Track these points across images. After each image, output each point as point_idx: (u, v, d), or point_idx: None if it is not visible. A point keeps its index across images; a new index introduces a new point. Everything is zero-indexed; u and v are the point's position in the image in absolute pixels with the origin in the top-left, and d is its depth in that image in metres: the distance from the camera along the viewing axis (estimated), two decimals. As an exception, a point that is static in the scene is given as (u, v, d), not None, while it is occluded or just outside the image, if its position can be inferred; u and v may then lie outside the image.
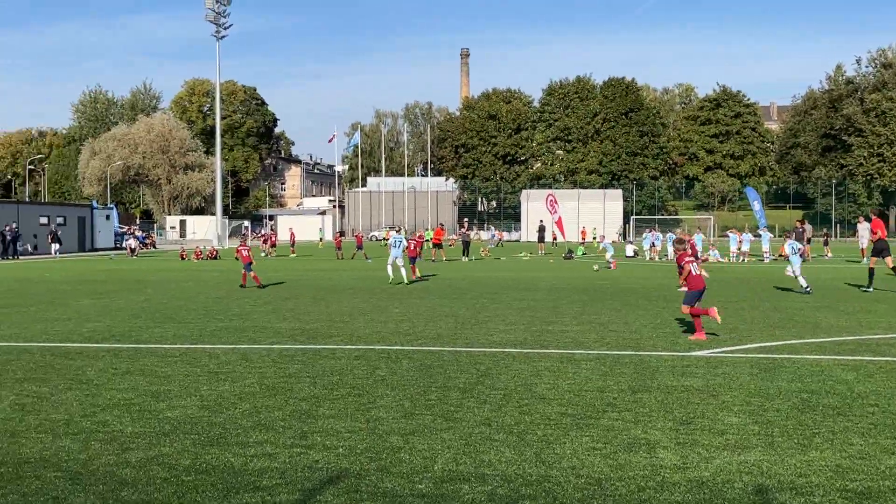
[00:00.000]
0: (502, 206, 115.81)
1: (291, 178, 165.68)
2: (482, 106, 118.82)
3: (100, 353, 11.91)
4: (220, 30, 69.49)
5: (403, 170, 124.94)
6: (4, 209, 54.47)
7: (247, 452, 6.77)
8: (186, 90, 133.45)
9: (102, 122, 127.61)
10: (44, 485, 5.93)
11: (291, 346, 12.56)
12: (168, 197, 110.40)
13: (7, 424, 7.69)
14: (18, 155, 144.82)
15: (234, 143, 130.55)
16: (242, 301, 20.15)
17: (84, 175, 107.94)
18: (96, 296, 21.82)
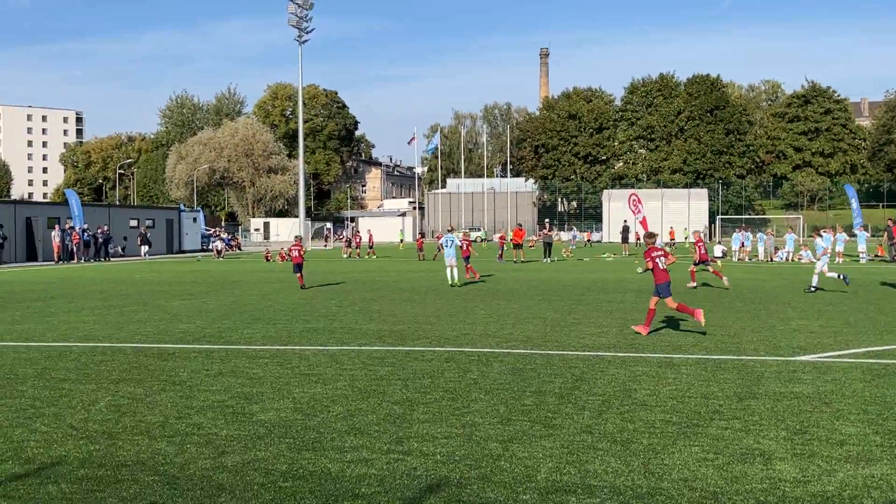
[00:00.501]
0: (583, 207, 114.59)
1: (372, 181, 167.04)
2: (562, 105, 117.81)
3: (192, 354, 11.96)
4: (302, 34, 70.32)
5: (483, 171, 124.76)
6: (96, 212, 56.04)
7: (343, 458, 6.60)
8: (269, 94, 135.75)
9: (189, 127, 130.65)
10: (142, 489, 5.85)
11: (380, 348, 12.41)
12: (252, 199, 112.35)
13: (104, 426, 7.68)
14: (109, 160, 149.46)
15: (316, 146, 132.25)
16: (328, 302, 20.16)
17: (171, 179, 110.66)
18: (186, 297, 22.13)
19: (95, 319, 16.67)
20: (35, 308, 19.19)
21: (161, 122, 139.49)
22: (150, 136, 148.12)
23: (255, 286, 26.02)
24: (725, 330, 14.22)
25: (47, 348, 12.71)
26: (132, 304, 19.90)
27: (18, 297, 22.52)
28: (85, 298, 21.81)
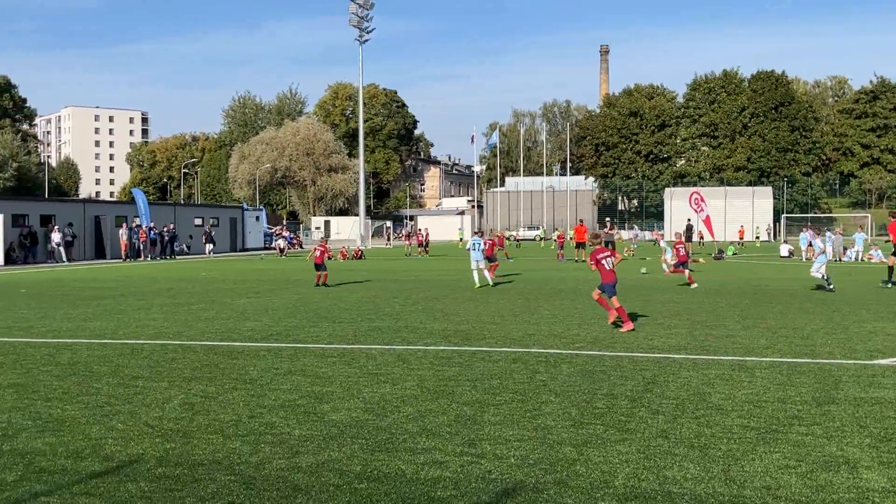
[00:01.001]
0: (644, 205, 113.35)
1: (430, 179, 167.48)
2: (623, 103, 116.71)
3: (261, 353, 12.06)
4: (362, 34, 70.76)
5: (542, 169, 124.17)
6: (162, 211, 57.13)
7: (416, 460, 6.56)
8: (330, 94, 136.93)
9: (251, 127, 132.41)
10: (219, 488, 5.88)
11: (446, 348, 12.38)
12: (313, 198, 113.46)
13: (179, 424, 7.77)
14: (173, 159, 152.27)
15: (376, 144, 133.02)
16: (392, 301, 20.21)
17: (234, 178, 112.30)
18: (252, 295, 22.39)
19: (164, 317, 16.94)
20: (106, 306, 19.58)
21: (224, 121, 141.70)
22: (214, 135, 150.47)
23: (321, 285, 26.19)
24: (798, 332, 13.88)
25: (119, 346, 12.94)
26: (200, 302, 20.19)
27: (89, 294, 23.01)
28: (153, 296, 22.20)
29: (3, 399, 8.88)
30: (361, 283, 26.71)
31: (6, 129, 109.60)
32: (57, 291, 24.07)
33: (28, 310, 18.59)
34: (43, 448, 6.94)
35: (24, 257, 42.70)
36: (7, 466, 6.41)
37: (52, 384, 9.70)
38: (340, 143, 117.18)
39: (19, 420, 7.92)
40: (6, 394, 9.16)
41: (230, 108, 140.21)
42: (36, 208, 46.51)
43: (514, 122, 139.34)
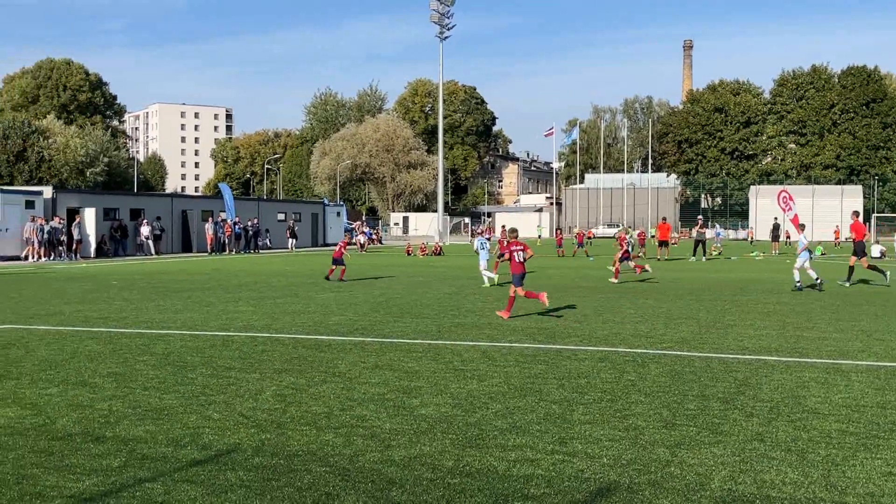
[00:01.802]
0: (728, 203, 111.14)
1: (508, 176, 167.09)
2: (708, 99, 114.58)
3: (347, 346, 12.21)
4: (443, 31, 71.00)
5: (622, 166, 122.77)
6: (246, 206, 58.31)
7: (508, 456, 6.56)
8: (409, 91, 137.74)
9: (332, 123, 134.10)
10: (315, 479, 5.98)
11: (531, 345, 12.34)
12: (392, 194, 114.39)
13: (272, 415, 7.92)
14: (256, 155, 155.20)
15: (455, 141, 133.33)
16: (474, 297, 20.25)
17: (315, 173, 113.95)
18: (335, 289, 22.68)
19: (252, 310, 17.28)
20: (195, 298, 20.07)
21: (306, 118, 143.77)
22: (296, 132, 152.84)
23: (399, 280, 26.41)
24: (895, 335, 13.43)
25: (210, 337, 13.25)
26: (285, 296, 20.54)
27: (178, 287, 23.62)
28: (240, 289, 22.67)
29: (104, 387, 9.18)
30: (442, 280, 26.82)
31: (97, 126, 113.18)
32: (147, 283, 24.78)
33: (121, 301, 19.18)
34: (144, 436, 7.15)
35: (115, 250, 44.05)
36: (111, 453, 6.62)
37: (149, 374, 9.99)
38: (419, 140, 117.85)
39: (120, 408, 8.18)
40: (106, 382, 9.46)
41: (312, 104, 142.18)
42: (126, 202, 47.93)
43: (594, 118, 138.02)
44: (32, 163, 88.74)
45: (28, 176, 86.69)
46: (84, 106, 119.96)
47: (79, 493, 5.66)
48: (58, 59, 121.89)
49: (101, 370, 10.21)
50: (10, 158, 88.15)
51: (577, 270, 32.07)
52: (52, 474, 6.04)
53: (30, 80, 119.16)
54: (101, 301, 19.14)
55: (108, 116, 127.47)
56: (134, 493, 5.66)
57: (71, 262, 38.61)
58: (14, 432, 7.22)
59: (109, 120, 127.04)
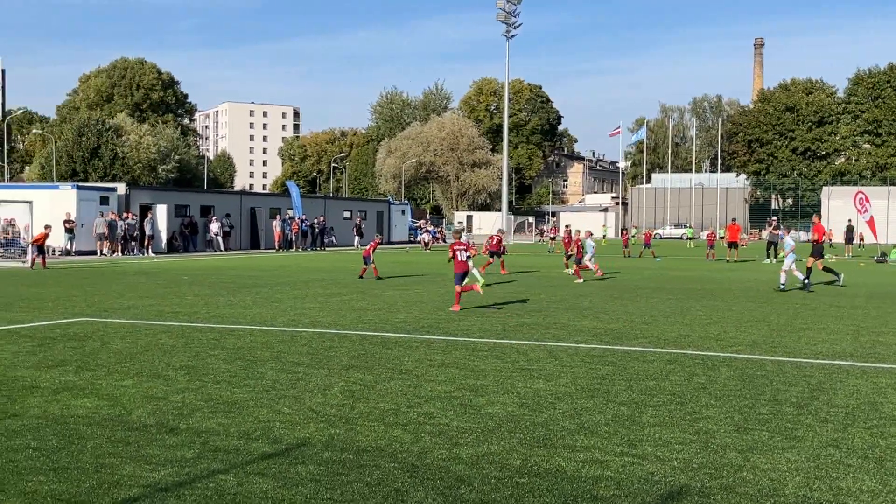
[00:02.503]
0: (799, 205, 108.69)
1: (573, 175, 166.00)
2: (779, 98, 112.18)
3: (413, 344, 12.27)
4: (510, 29, 70.84)
5: (690, 166, 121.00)
6: (313, 204, 58.99)
7: (576, 457, 6.52)
8: (475, 90, 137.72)
9: (397, 122, 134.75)
10: (384, 475, 6.02)
11: (598, 346, 12.25)
12: (456, 193, 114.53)
13: (341, 410, 8.00)
14: (323, 153, 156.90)
15: (519, 140, 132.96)
16: (538, 297, 20.17)
17: (380, 172, 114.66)
18: (400, 287, 22.81)
19: (319, 306, 17.47)
20: (263, 294, 20.37)
21: (372, 117, 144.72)
22: (362, 130, 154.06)
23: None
24: (977, 342, 13.00)
25: (279, 332, 13.43)
26: (351, 293, 20.72)
27: (247, 283, 24.01)
28: (307, 286, 22.94)
29: (177, 380, 9.38)
30: (506, 279, 26.77)
31: (168, 124, 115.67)
32: (217, 279, 25.23)
33: (192, 296, 19.56)
34: (216, 428, 7.28)
35: (185, 246, 44.96)
36: (185, 444, 6.76)
37: (220, 367, 10.17)
38: (484, 139, 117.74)
39: (193, 401, 8.34)
40: (179, 375, 9.67)
41: (378, 103, 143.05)
42: (196, 199, 48.89)
43: (661, 118, 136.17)
44: (106, 160, 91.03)
45: (102, 173, 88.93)
46: (156, 104, 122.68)
47: (154, 482, 5.79)
48: (132, 58, 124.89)
49: (175, 363, 10.43)
50: (85, 155, 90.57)
51: (644, 271, 31.72)
52: (129, 464, 6.19)
53: (105, 79, 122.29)
54: (172, 296, 19.55)
55: (180, 115, 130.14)
56: (207, 484, 5.77)
57: (143, 257, 39.53)
58: (92, 422, 7.42)
59: (181, 118, 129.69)
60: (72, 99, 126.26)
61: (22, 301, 17.99)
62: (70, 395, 8.48)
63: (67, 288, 21.46)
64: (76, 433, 7.02)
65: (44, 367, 10.02)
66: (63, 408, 7.95)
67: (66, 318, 14.91)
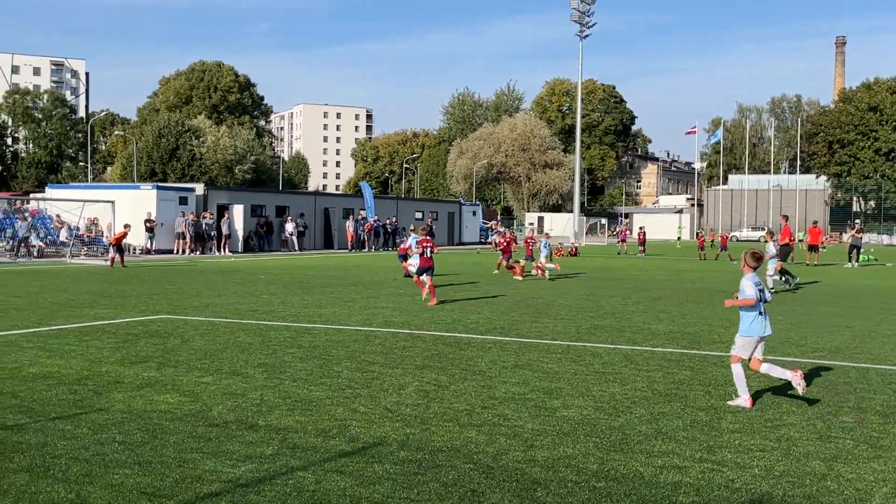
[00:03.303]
0: (882, 207, 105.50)
1: (647, 176, 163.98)
2: (861, 98, 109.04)
3: (486, 345, 12.27)
4: (583, 29, 70.30)
5: (768, 167, 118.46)
6: (385, 204, 59.43)
7: (654, 462, 6.44)
8: (547, 90, 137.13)
9: (469, 123, 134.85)
10: (459, 476, 6.03)
11: (674, 350, 12.07)
12: (527, 194, 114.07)
13: (416, 410, 8.04)
14: (395, 154, 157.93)
15: (592, 141, 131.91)
16: (611, 300, 19.98)
17: (451, 173, 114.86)
18: (472, 288, 22.83)
19: (392, 306, 17.60)
20: (337, 293, 20.60)
21: (443, 118, 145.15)
22: (433, 131, 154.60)
23: (537, 280, 26.30)
24: None
25: (353, 332, 13.57)
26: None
27: (321, 282, 24.31)
28: (380, 286, 23.12)
29: (255, 378, 9.54)
30: (578, 281, 26.59)
31: (245, 125, 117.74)
32: (292, 278, 25.60)
33: (268, 295, 19.88)
34: (294, 425, 7.39)
35: (260, 245, 45.73)
36: (264, 441, 6.87)
37: (297, 366, 10.32)
38: (556, 139, 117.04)
39: (271, 398, 8.48)
40: (257, 373, 9.83)
41: (449, 104, 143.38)
42: (272, 200, 49.68)
43: (738, 118, 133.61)
44: (184, 160, 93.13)
45: (180, 173, 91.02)
46: (233, 106, 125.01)
47: (235, 478, 5.91)
48: (210, 61, 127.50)
49: (253, 361, 10.61)
50: (164, 156, 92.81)
51: (720, 274, 31.16)
52: (210, 459, 6.32)
53: (183, 81, 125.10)
54: (249, 294, 19.91)
55: (256, 117, 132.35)
56: (286, 480, 5.86)
57: (220, 256, 40.34)
58: (174, 418, 7.59)
59: (257, 120, 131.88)
60: (152, 101, 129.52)
61: (105, 298, 18.52)
62: (153, 391, 8.70)
63: (148, 286, 22.02)
64: (159, 428, 7.20)
65: (127, 363, 10.30)
66: (146, 403, 8.16)
67: (148, 316, 15.31)
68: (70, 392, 8.59)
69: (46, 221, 39.72)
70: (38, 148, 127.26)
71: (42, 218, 40.00)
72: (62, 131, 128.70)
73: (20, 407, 7.91)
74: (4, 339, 12.12)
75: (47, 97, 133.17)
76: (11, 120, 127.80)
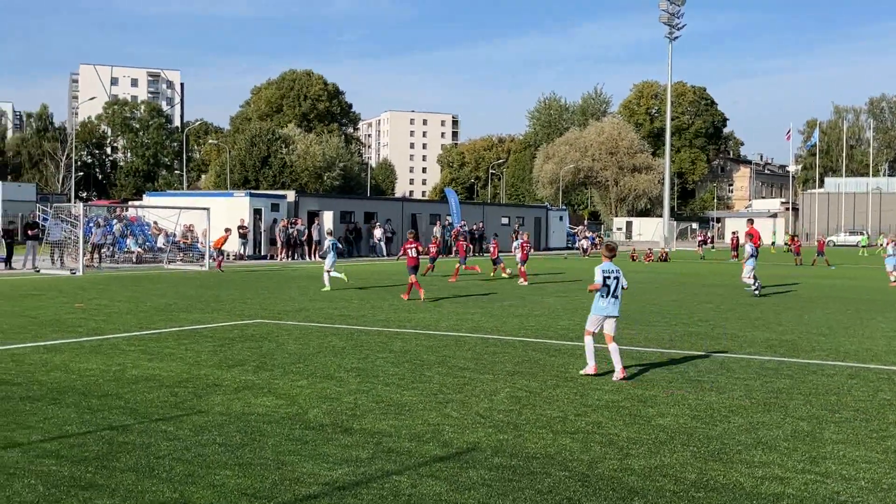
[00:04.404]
0: None
1: (739, 179, 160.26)
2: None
3: (577, 352, 12.14)
4: (673, 31, 69.20)
5: (867, 169, 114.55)
6: (471, 210, 59.50)
7: (754, 473, 6.28)
8: (635, 93, 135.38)
9: (555, 128, 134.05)
10: (555, 483, 5.99)
11: (772, 358, 11.76)
12: (615, 198, 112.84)
13: (508, 417, 8.02)
14: (481, 160, 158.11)
15: (682, 144, 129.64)
16: (704, 306, 19.60)
17: (538, 178, 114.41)
18: (561, 294, 22.67)
19: (481, 312, 17.60)
20: (427, 299, 20.70)
21: (529, 123, 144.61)
22: (519, 136, 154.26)
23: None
24: None
25: (443, 337, 13.62)
26: (511, 298, 20.77)
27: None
28: (468, 290, 23.14)
29: (348, 381, 9.66)
30: (669, 287, 26.15)
31: (334, 133, 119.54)
32: (381, 284, 25.85)
33: (358, 300, 20.12)
34: (388, 429, 7.45)
35: (349, 251, 46.30)
36: (359, 444, 6.95)
37: (389, 370, 10.41)
38: (645, 143, 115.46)
39: (365, 402, 8.57)
40: (350, 377, 9.96)
41: (535, 109, 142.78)
42: (360, 206, 50.27)
43: (834, 119, 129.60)
44: (275, 168, 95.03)
45: (272, 180, 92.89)
46: (322, 114, 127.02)
47: (332, 481, 5.98)
48: (299, 70, 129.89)
49: (345, 365, 10.75)
50: (255, 164, 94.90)
51: (818, 279, 30.24)
52: (308, 462, 6.42)
53: (274, 90, 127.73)
54: (339, 299, 20.17)
55: (344, 124, 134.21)
56: (383, 484, 5.91)
57: (310, 261, 41.00)
58: (272, 420, 7.74)
59: (345, 127, 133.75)
60: (244, 110, 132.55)
61: (201, 303, 19.01)
62: (250, 394, 8.89)
63: (242, 291, 22.52)
64: (257, 430, 7.35)
65: (225, 367, 10.55)
66: (244, 405, 8.34)
67: (243, 320, 15.66)
68: (171, 394, 8.84)
69: (145, 228, 41.00)
70: (135, 157, 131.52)
71: (140, 224, 41.29)
72: (158, 140, 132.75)
73: (124, 408, 8.18)
74: (109, 343, 12.56)
75: (144, 107, 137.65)
76: (111, 130, 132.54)
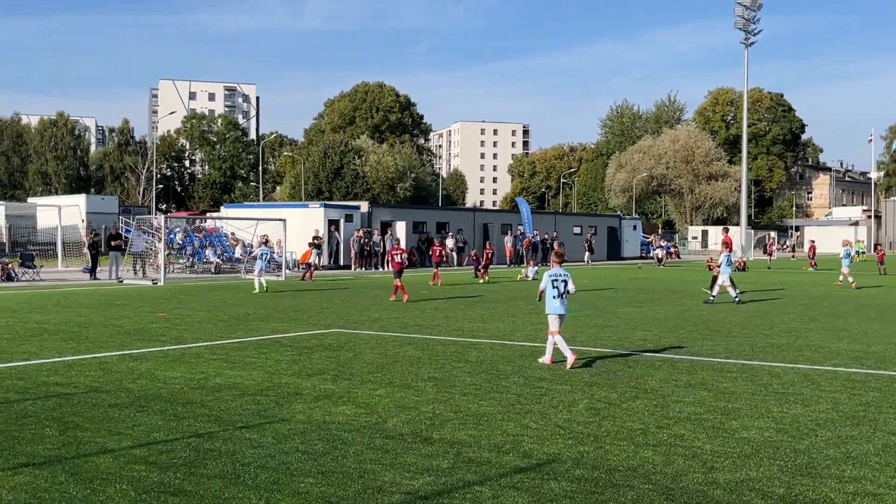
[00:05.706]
0: None
1: (819, 187, 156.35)
2: None
3: (656, 363, 12.00)
4: (749, 36, 67.99)
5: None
6: (543, 219, 59.26)
7: (845, 489, 6.11)
8: (710, 100, 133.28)
9: (628, 136, 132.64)
10: (639, 496, 5.91)
11: (859, 370, 11.43)
12: (690, 207, 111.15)
13: (588, 428, 7.95)
14: (552, 169, 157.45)
15: (759, 151, 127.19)
16: (786, 316, 19.16)
17: (610, 186, 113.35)
18: (636, 304, 22.41)
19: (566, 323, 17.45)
20: (499, 309, 20.71)
21: (601, 131, 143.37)
22: (591, 145, 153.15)
23: (701, 296, 25.54)
24: None
25: (518, 346, 13.59)
26: (586, 309, 20.60)
27: (483, 298, 24.46)
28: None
29: (426, 391, 9.70)
30: (748, 297, 25.62)
31: (405, 144, 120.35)
32: (452, 295, 25.90)
33: (432, 310, 20.19)
34: (467, 439, 7.45)
35: (422, 261, 46.51)
36: (439, 454, 6.97)
37: (466, 380, 10.42)
38: (720, 150, 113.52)
39: (443, 412, 8.59)
40: (427, 386, 9.99)
41: (607, 117, 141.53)
42: (432, 216, 50.49)
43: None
44: (348, 179, 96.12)
45: (345, 191, 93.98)
46: (394, 126, 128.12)
47: (414, 490, 6.01)
48: (372, 82, 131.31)
49: (422, 374, 10.80)
50: (329, 175, 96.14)
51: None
52: (389, 471, 6.46)
53: (347, 102, 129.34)
54: (414, 309, 20.28)
55: (416, 135, 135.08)
56: (464, 494, 5.91)
57: (384, 271, 41.30)
58: (352, 429, 7.82)
59: (416, 138, 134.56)
60: (318, 122, 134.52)
61: (278, 312, 19.30)
62: (330, 402, 8.99)
63: (318, 300, 22.81)
64: (339, 439, 7.43)
65: (304, 375, 10.69)
66: (325, 414, 8.44)
67: (320, 329, 15.85)
68: (253, 402, 8.99)
69: (223, 239, 41.85)
70: (213, 169, 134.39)
71: (219, 235, 42.16)
72: (235, 153, 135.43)
73: (209, 416, 8.35)
74: (192, 352, 12.84)
75: (221, 121, 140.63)
76: (189, 143, 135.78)
